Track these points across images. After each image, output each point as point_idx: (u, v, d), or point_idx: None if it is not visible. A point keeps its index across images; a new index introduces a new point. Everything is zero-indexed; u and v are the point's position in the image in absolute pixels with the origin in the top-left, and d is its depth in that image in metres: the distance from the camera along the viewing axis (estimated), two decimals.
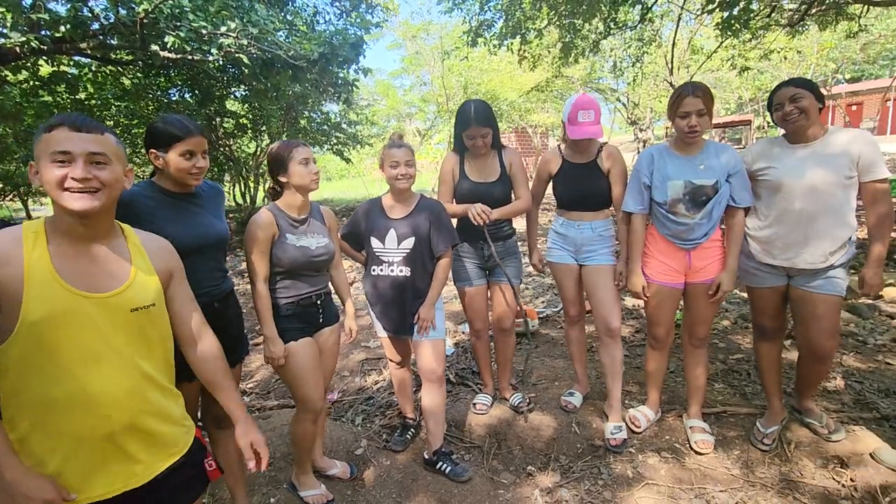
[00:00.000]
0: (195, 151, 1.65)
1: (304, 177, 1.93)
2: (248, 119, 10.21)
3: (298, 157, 1.91)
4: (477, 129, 2.33)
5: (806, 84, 2.01)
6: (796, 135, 2.07)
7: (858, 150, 1.94)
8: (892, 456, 2.07)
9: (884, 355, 3.16)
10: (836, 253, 2.01)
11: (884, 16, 14.46)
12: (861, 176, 1.96)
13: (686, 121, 2.07)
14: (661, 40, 12.58)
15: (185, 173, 1.65)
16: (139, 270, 1.20)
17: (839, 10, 7.22)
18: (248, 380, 3.53)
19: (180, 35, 4.64)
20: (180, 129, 1.62)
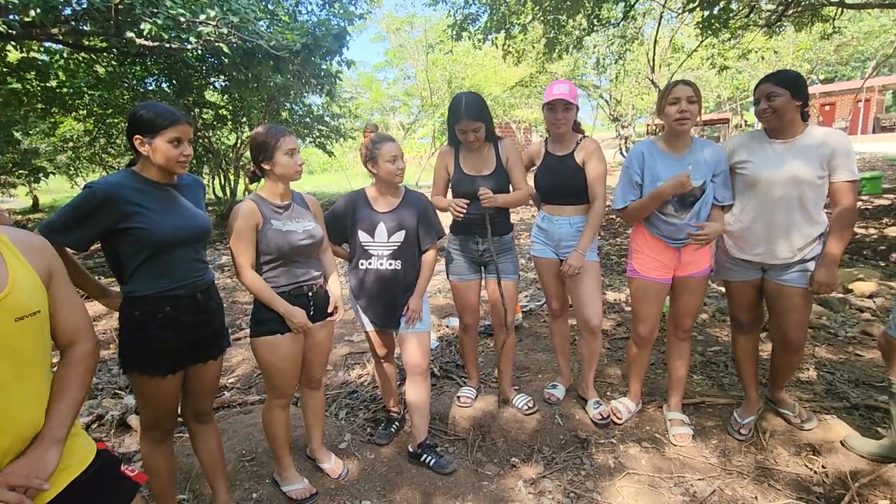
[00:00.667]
0: (182, 139, 1.61)
1: (289, 167, 1.90)
2: (227, 110, 10.01)
3: (285, 146, 1.88)
4: (468, 122, 2.29)
5: (786, 81, 2.00)
6: (774, 131, 2.09)
7: (833, 146, 1.98)
8: (861, 443, 2.15)
9: (854, 347, 3.27)
10: (807, 248, 2.06)
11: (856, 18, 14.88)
12: (832, 174, 2.00)
13: (676, 106, 2.08)
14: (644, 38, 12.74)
15: (174, 161, 1.61)
16: (17, 273, 1.04)
17: (815, 11, 7.41)
18: (229, 374, 3.48)
19: (157, 22, 4.52)
20: (168, 116, 1.59)
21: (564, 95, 2.31)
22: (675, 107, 2.09)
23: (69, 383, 1.14)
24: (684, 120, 2.09)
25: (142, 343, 1.63)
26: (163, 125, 1.57)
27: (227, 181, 10.83)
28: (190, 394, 1.85)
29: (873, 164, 13.49)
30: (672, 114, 2.10)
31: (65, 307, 1.16)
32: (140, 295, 1.61)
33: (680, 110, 2.08)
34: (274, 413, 2.05)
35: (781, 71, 2.09)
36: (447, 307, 4.41)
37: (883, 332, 2.05)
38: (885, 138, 18.51)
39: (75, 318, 1.18)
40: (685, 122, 2.10)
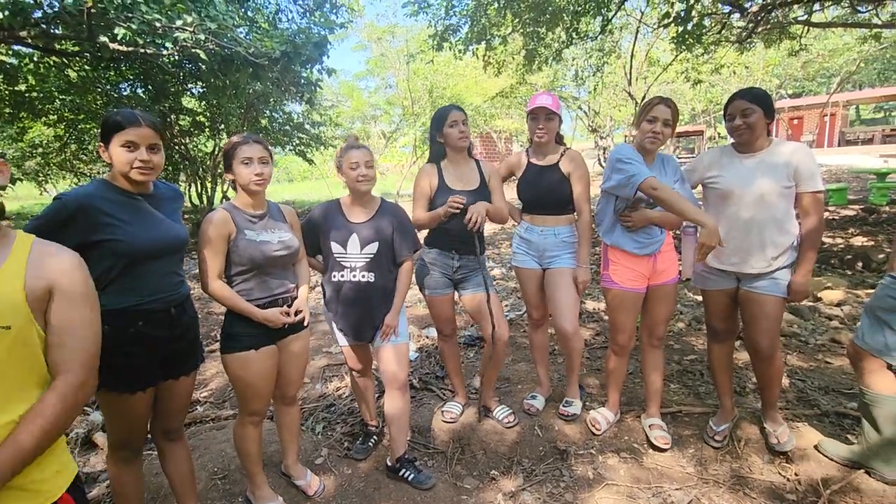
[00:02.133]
0: (137, 143, 1.54)
1: (244, 177, 1.84)
2: (205, 117, 9.86)
3: (241, 155, 1.83)
4: (458, 113, 2.37)
5: (758, 99, 2.08)
6: (744, 146, 2.17)
7: (798, 161, 2.06)
8: (833, 448, 2.20)
9: (823, 354, 3.35)
10: (780, 257, 2.12)
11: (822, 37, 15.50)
12: (798, 186, 2.08)
13: (652, 125, 2.17)
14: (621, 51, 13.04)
15: (128, 166, 1.54)
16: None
17: (782, 29, 7.70)
18: (201, 388, 3.38)
19: (132, 27, 4.42)
20: (123, 118, 1.53)
21: (547, 104, 2.36)
22: (651, 125, 2.17)
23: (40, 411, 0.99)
24: (655, 140, 2.18)
25: (111, 359, 1.56)
26: (114, 129, 1.52)
27: (204, 189, 10.62)
28: (160, 411, 1.78)
29: (839, 175, 14.01)
30: (646, 131, 2.18)
31: (62, 334, 1.04)
32: (111, 309, 1.54)
33: (653, 131, 2.16)
34: (246, 429, 1.99)
35: (753, 88, 2.16)
36: (427, 318, 4.38)
37: (851, 342, 2.11)
38: (850, 151, 19.26)
39: (68, 347, 1.04)
40: (655, 142, 2.19)
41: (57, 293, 1.04)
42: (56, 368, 1.04)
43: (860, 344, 2.03)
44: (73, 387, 1.04)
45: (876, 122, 27.32)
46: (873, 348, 1.98)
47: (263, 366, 1.90)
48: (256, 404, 1.96)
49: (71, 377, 1.04)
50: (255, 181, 1.84)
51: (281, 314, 1.89)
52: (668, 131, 2.18)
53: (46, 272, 1.03)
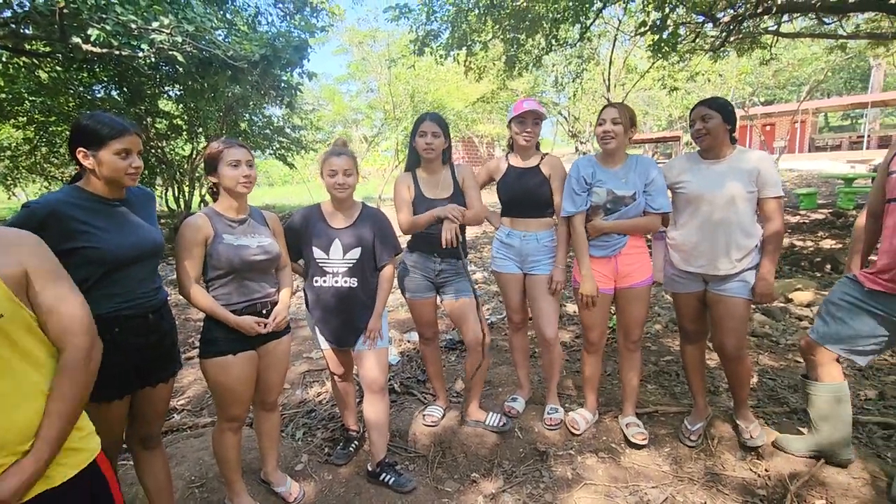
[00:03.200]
0: (131, 150, 1.55)
1: (232, 179, 1.84)
2: (182, 120, 9.69)
3: (228, 158, 1.83)
4: (429, 124, 2.36)
5: (718, 106, 2.20)
6: (707, 151, 2.27)
7: (759, 168, 2.16)
8: (787, 441, 2.29)
9: (793, 354, 3.47)
10: (744, 259, 2.20)
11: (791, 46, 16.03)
12: (761, 192, 2.17)
13: (602, 127, 2.28)
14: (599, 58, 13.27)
15: (122, 173, 1.54)
16: None
17: (754, 39, 7.95)
18: (179, 395, 3.32)
19: (106, 28, 4.35)
20: (115, 127, 1.52)
21: (535, 108, 2.45)
22: (601, 127, 2.28)
23: (54, 395, 1.09)
24: (608, 138, 2.26)
25: None
26: (109, 136, 1.50)
27: (182, 193, 10.43)
28: (137, 419, 1.75)
29: (809, 181, 14.49)
30: (599, 133, 2.30)
31: (56, 307, 1.11)
32: None
33: (604, 130, 2.26)
34: (224, 436, 1.97)
35: (714, 97, 2.28)
36: (408, 322, 4.39)
37: (805, 338, 2.20)
38: (819, 157, 19.92)
39: (64, 319, 1.12)
40: (608, 141, 2.27)
41: (32, 274, 1.09)
42: (60, 341, 1.12)
43: (814, 338, 2.11)
44: (83, 352, 1.14)
45: (843, 129, 28.36)
46: (826, 342, 2.06)
47: (242, 371, 1.88)
48: (235, 410, 1.94)
49: (77, 343, 1.13)
50: (243, 182, 1.85)
51: (255, 324, 1.88)
52: (618, 128, 2.25)
53: (15, 256, 1.07)
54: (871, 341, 1.96)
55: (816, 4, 5.63)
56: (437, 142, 2.37)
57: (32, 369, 1.08)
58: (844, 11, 6.38)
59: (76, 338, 1.13)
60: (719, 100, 2.24)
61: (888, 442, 2.44)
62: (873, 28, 8.46)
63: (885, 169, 1.92)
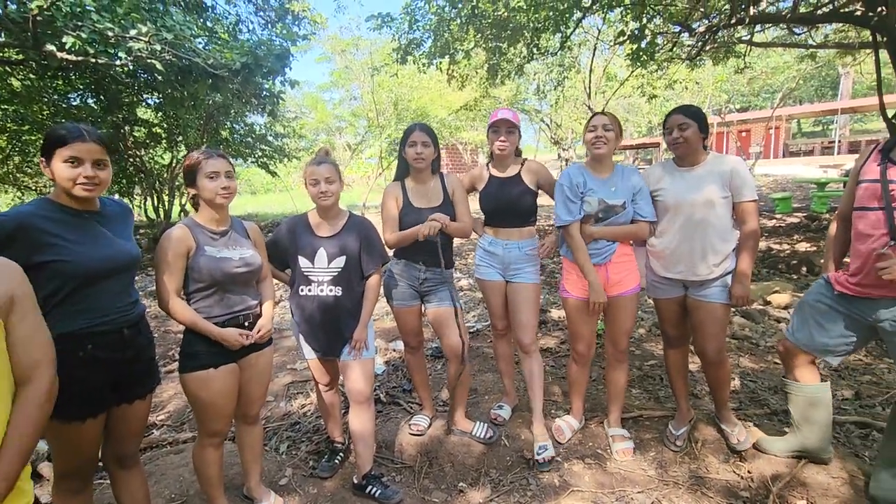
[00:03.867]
0: (82, 158, 1.48)
1: (210, 191, 1.81)
2: (162, 128, 9.55)
3: (206, 169, 1.80)
4: (419, 134, 2.37)
5: (693, 115, 2.24)
6: (682, 159, 2.31)
7: (733, 172, 2.20)
8: (769, 443, 2.33)
9: (772, 356, 3.53)
10: (722, 264, 2.24)
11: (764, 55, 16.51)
12: (735, 196, 2.22)
13: (593, 133, 2.30)
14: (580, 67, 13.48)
15: (70, 183, 1.47)
16: None
17: (728, 48, 8.17)
18: (159, 411, 3.24)
19: (81, 36, 4.26)
20: (66, 132, 1.47)
21: (508, 117, 2.45)
22: (592, 133, 2.30)
23: (20, 426, 1.04)
24: (599, 143, 2.29)
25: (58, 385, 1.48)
26: (56, 144, 1.46)
27: (161, 202, 10.25)
28: (113, 436, 1.70)
29: (784, 185, 14.87)
30: (590, 140, 2.31)
31: (31, 337, 1.09)
32: (58, 333, 1.47)
33: (596, 136, 2.28)
34: (206, 452, 1.93)
35: (688, 105, 2.33)
36: (394, 331, 4.35)
37: (782, 340, 2.25)
38: (793, 162, 20.47)
39: (36, 351, 1.10)
40: (601, 146, 2.29)
41: (19, 301, 1.08)
42: (28, 372, 1.08)
43: (791, 339, 2.16)
44: (47, 386, 1.11)
45: (815, 135, 29.20)
46: (801, 343, 2.10)
47: (223, 384, 1.84)
48: (217, 425, 1.90)
49: (44, 377, 1.11)
50: (222, 194, 1.83)
51: (239, 336, 1.85)
52: (610, 134, 2.28)
53: (6, 284, 1.06)
54: (842, 342, 2.02)
55: (786, 16, 5.82)
56: (426, 151, 2.38)
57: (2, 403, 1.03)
58: (813, 22, 6.59)
59: (44, 371, 1.11)
60: (693, 108, 2.29)
61: (865, 441, 2.50)
62: (841, 38, 8.76)
63: (855, 176, 1.98)
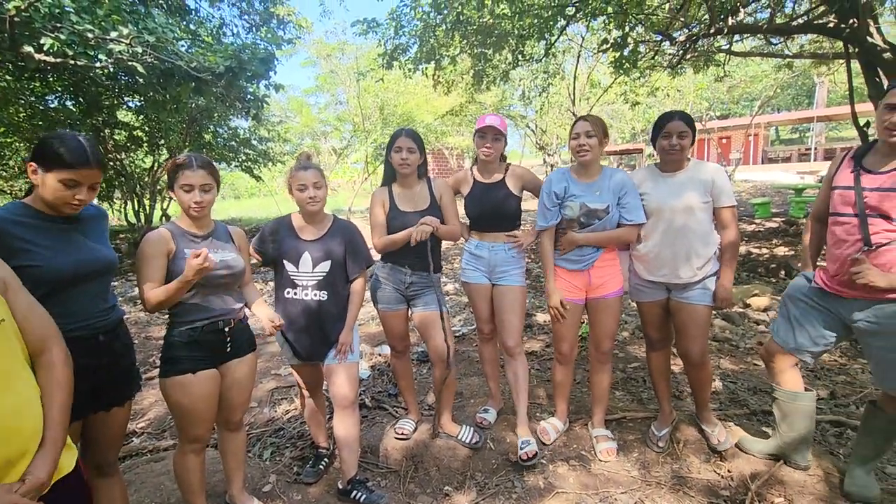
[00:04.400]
0: (81, 183, 1.47)
1: (184, 203, 1.80)
2: (143, 131, 9.40)
3: (181, 180, 1.78)
4: (405, 140, 2.38)
5: (692, 124, 2.26)
6: (667, 164, 2.34)
7: (713, 179, 2.25)
8: (751, 443, 2.38)
9: (752, 357, 3.61)
10: (704, 267, 2.29)
11: (743, 64, 16.94)
12: (716, 202, 2.27)
13: (576, 140, 2.31)
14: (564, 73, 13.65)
15: (62, 203, 1.46)
16: None
17: (708, 57, 8.36)
18: (139, 418, 3.17)
19: (60, 37, 4.19)
20: (72, 155, 1.44)
21: (495, 124, 2.46)
22: (576, 141, 2.31)
23: (53, 390, 1.19)
24: (583, 152, 2.30)
25: None
26: (61, 163, 1.43)
27: (142, 207, 10.06)
28: (91, 445, 1.66)
29: (763, 191, 15.19)
30: (574, 147, 2.33)
31: (30, 313, 1.21)
32: None
33: (579, 144, 2.30)
34: (187, 458, 1.90)
35: (685, 113, 2.31)
36: (379, 335, 4.34)
37: (766, 343, 2.30)
38: (772, 168, 20.99)
39: (43, 322, 1.24)
40: (585, 154, 2.31)
41: (9, 281, 1.19)
42: (41, 342, 1.22)
43: (775, 338, 2.20)
44: (65, 353, 1.27)
45: (793, 142, 29.98)
46: (786, 343, 2.15)
47: (203, 389, 1.82)
48: (197, 431, 1.88)
49: (59, 341, 1.26)
50: (194, 208, 1.80)
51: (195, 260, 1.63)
52: (592, 141, 2.28)
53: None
54: (820, 340, 2.06)
55: (763, 26, 5.98)
56: (412, 157, 2.38)
57: (28, 373, 1.17)
58: (788, 33, 6.79)
59: (56, 340, 1.25)
60: (689, 116, 2.29)
61: (840, 439, 2.57)
62: (816, 48, 9.03)
63: (829, 180, 2.04)
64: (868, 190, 1.83)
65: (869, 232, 1.82)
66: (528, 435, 2.51)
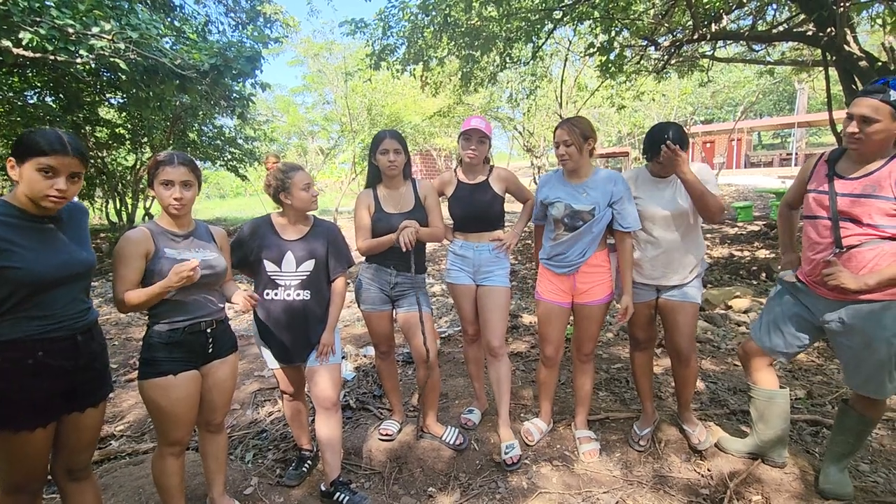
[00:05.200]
0: (58, 170, 1.43)
1: (163, 200, 1.77)
2: (126, 129, 9.25)
3: (161, 176, 1.75)
4: (391, 142, 2.37)
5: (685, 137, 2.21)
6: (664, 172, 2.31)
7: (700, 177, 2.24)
8: (730, 443, 2.42)
9: (732, 358, 3.66)
10: (694, 269, 2.34)
11: (726, 70, 17.23)
12: None
13: (557, 150, 2.32)
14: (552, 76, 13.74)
15: (39, 194, 1.42)
16: None
17: (692, 62, 8.50)
18: (117, 421, 3.11)
19: (39, 32, 4.10)
20: (47, 142, 1.41)
21: (480, 127, 2.46)
22: (557, 150, 2.32)
23: None
24: (563, 160, 2.31)
25: (4, 394, 1.42)
26: (36, 150, 1.40)
27: (124, 206, 9.89)
28: (64, 448, 1.63)
29: (745, 195, 15.46)
30: (557, 156, 2.33)
31: None
32: (6, 339, 1.41)
33: (558, 154, 2.31)
34: (166, 462, 1.87)
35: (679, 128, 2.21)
36: (365, 337, 4.33)
37: (744, 343, 2.34)
38: (754, 172, 21.38)
39: None
40: (565, 162, 2.32)
41: None
42: None
43: (752, 336, 2.25)
44: None
45: (774, 147, 30.62)
46: (762, 343, 2.19)
47: (184, 391, 1.80)
48: (177, 434, 1.85)
49: None
50: (174, 206, 1.77)
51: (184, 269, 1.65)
52: (571, 149, 2.26)
53: None
54: (794, 342, 2.11)
55: (745, 33, 6.10)
56: (398, 158, 2.39)
57: None
58: (769, 40, 6.93)
59: None
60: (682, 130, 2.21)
61: (816, 438, 2.62)
62: (796, 56, 9.23)
63: (802, 175, 2.09)
64: (840, 195, 1.88)
65: (840, 235, 1.86)
66: (512, 438, 2.52)
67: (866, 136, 1.77)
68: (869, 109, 1.74)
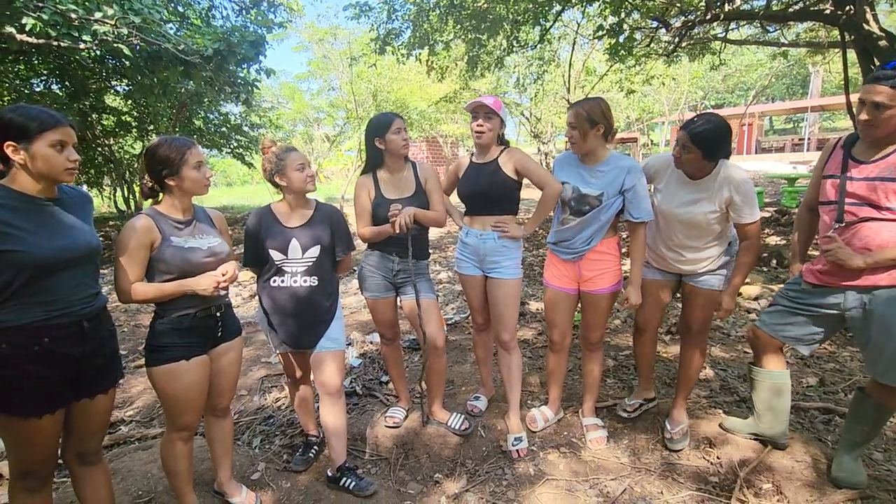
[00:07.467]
0: (66, 142, 1.46)
1: (198, 181, 1.79)
2: (132, 116, 9.25)
3: (192, 160, 1.76)
4: (400, 121, 2.34)
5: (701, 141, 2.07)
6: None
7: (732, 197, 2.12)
8: (732, 423, 2.42)
9: (742, 345, 3.62)
10: (717, 259, 2.27)
11: (738, 53, 16.86)
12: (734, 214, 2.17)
13: (567, 133, 2.29)
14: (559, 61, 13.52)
15: (59, 169, 1.45)
16: None
17: (704, 45, 8.30)
18: (127, 406, 3.15)
19: (43, 17, 4.08)
20: (47, 117, 1.42)
21: (483, 100, 2.34)
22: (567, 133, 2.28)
23: None
24: (571, 143, 2.28)
25: (10, 381, 1.42)
26: (41, 127, 1.40)
27: (132, 193, 9.95)
28: (74, 433, 1.63)
29: (756, 181, 15.22)
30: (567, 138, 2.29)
31: None
32: (10, 325, 1.40)
33: (567, 136, 2.27)
34: (175, 446, 1.87)
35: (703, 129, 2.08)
36: (370, 323, 4.32)
37: (752, 326, 2.30)
38: (765, 158, 21.02)
39: None
40: (572, 146, 2.29)
41: None
42: None
43: (759, 326, 2.21)
44: None
45: (786, 132, 30.06)
46: (772, 331, 2.16)
47: (195, 377, 1.80)
48: (187, 418, 1.85)
49: None
50: (207, 183, 1.82)
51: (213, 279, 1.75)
52: (575, 133, 2.21)
53: None
54: (811, 336, 2.08)
55: (759, 13, 5.93)
56: (408, 138, 2.39)
57: None
58: (785, 20, 6.74)
59: None
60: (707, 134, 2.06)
61: (828, 426, 2.58)
62: (811, 37, 8.99)
63: (820, 168, 2.02)
64: (857, 180, 1.83)
65: (844, 210, 1.83)
66: (521, 430, 2.50)
67: (880, 122, 1.74)
68: (882, 97, 1.70)
